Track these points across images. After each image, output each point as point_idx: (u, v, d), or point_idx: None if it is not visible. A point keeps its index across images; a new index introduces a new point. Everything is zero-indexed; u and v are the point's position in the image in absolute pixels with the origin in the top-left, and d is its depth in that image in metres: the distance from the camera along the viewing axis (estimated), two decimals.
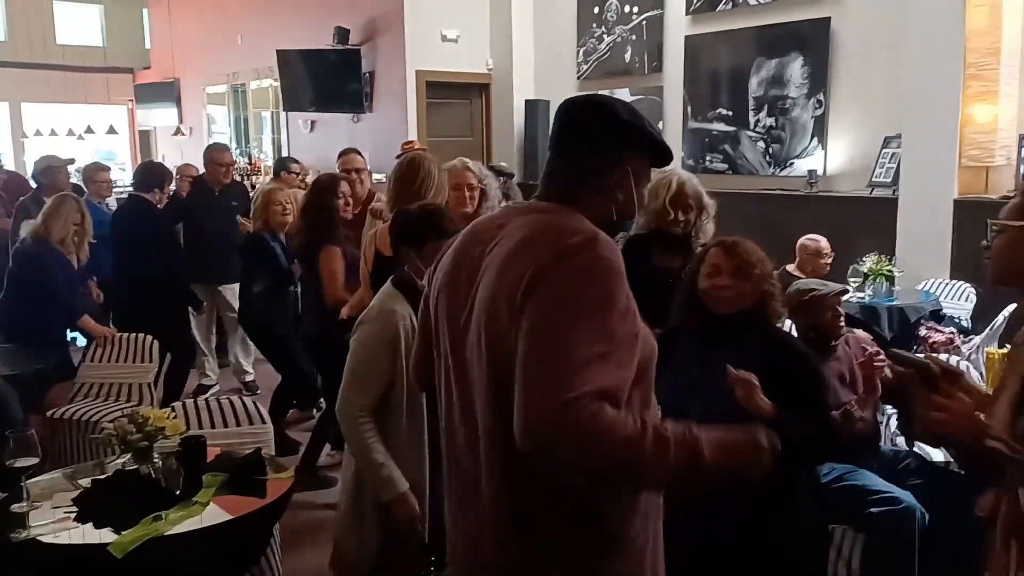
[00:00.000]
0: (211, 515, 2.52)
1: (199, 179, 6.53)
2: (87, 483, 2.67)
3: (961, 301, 5.72)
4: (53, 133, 14.01)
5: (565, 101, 1.74)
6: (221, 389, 6.32)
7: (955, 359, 4.17)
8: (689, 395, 2.32)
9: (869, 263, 5.48)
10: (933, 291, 5.74)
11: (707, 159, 7.78)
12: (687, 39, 7.88)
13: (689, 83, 7.88)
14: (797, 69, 7.06)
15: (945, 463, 3.47)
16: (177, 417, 2.96)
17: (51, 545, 2.37)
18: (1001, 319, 5.00)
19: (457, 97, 9.54)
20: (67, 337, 5.07)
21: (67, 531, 2.43)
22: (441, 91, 9.32)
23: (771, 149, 7.30)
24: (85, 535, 2.42)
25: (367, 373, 2.63)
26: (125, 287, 5.57)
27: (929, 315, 5.27)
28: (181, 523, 2.45)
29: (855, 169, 6.79)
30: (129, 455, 2.75)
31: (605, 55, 8.67)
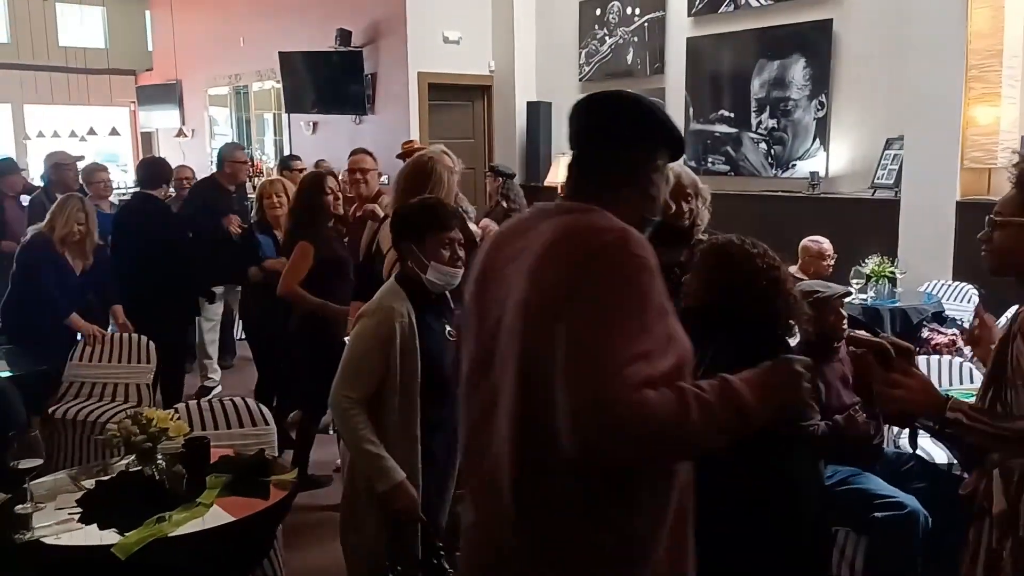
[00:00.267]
0: (215, 516, 2.53)
1: (211, 179, 6.46)
2: (91, 484, 2.68)
3: (963, 303, 5.71)
4: (56, 135, 14.01)
5: (588, 97, 1.69)
6: (223, 391, 6.32)
7: (958, 360, 4.17)
8: None
9: (871, 265, 5.47)
10: (935, 293, 5.73)
11: (709, 161, 7.78)
12: (689, 41, 7.89)
13: (691, 85, 7.88)
14: (799, 71, 7.05)
15: (948, 466, 3.47)
16: (180, 418, 2.96)
17: (55, 546, 2.37)
18: (1004, 320, 4.99)
19: (459, 99, 9.55)
20: (68, 338, 5.00)
21: (71, 532, 2.43)
22: (443, 93, 9.32)
23: (773, 151, 7.30)
24: (89, 536, 2.43)
25: (359, 367, 2.62)
26: (127, 289, 5.32)
27: (932, 317, 5.26)
28: (185, 524, 2.45)
29: (857, 171, 6.79)
30: (133, 456, 2.75)
31: (607, 57, 8.67)
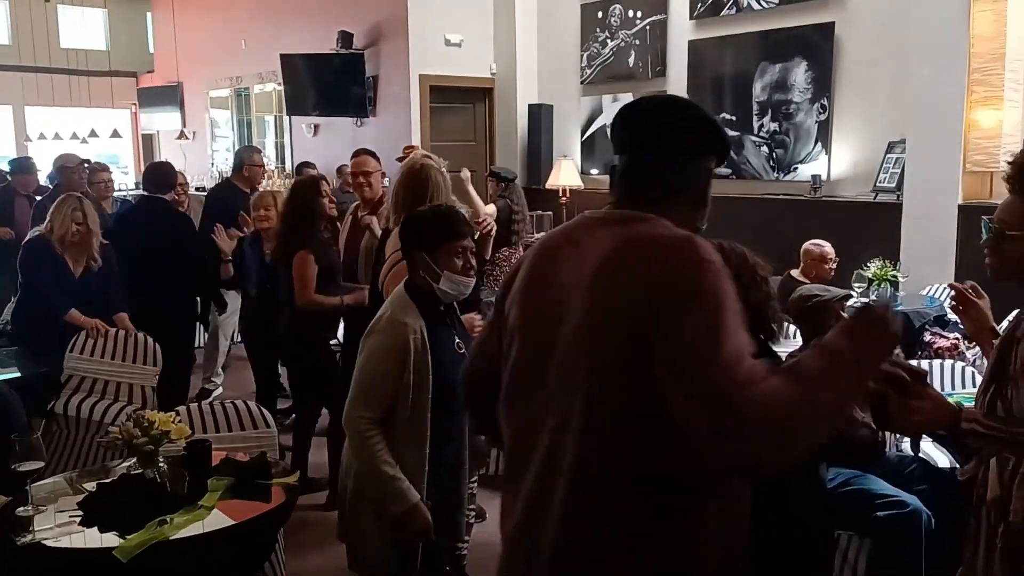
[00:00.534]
0: (216, 519, 2.52)
1: (228, 182, 6.42)
2: (92, 487, 2.68)
3: None
4: (57, 137, 14.02)
5: (639, 101, 1.65)
6: (223, 394, 6.32)
7: (960, 365, 4.17)
8: None
9: (873, 268, 5.47)
10: (938, 297, 5.72)
11: None
12: (691, 44, 7.89)
13: (693, 88, 7.87)
14: (801, 74, 7.05)
15: (951, 468, 3.46)
16: (182, 421, 2.96)
17: (56, 549, 2.37)
18: (1006, 324, 4.98)
19: (461, 101, 9.55)
20: (70, 338, 4.95)
21: (72, 535, 2.43)
22: (445, 95, 9.33)
23: (775, 154, 7.30)
24: (90, 539, 2.43)
25: (375, 385, 2.56)
26: (131, 292, 5.12)
27: (934, 320, 5.25)
28: (186, 527, 2.45)
29: (859, 174, 6.78)
30: (134, 459, 2.75)
31: (609, 60, 8.67)
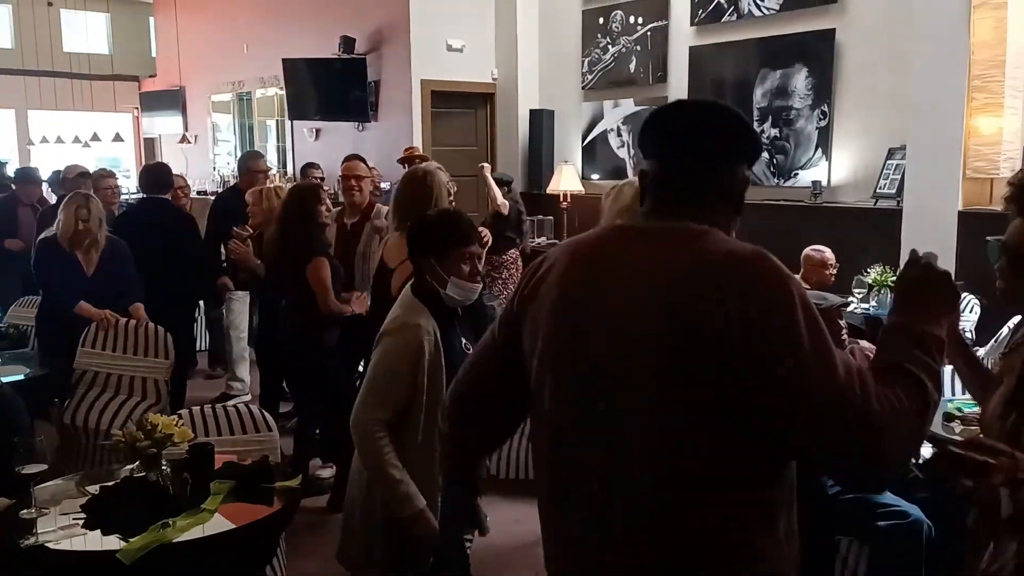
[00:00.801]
0: (218, 523, 2.53)
1: (234, 188, 6.48)
2: (95, 490, 2.69)
3: (966, 313, 5.70)
4: (59, 140, 14.06)
5: (677, 105, 1.62)
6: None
7: None
8: None
9: (874, 274, 5.48)
10: None
11: None
12: (692, 50, 7.90)
13: (693, 93, 7.86)
14: (801, 80, 7.07)
15: None
16: (185, 424, 2.97)
17: (59, 552, 2.38)
18: (1006, 331, 4.99)
19: (462, 106, 9.57)
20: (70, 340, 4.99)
21: (75, 538, 2.44)
22: (446, 100, 9.35)
23: (775, 160, 7.31)
24: (93, 542, 2.43)
25: (387, 387, 2.53)
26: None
27: None
28: (189, 531, 2.45)
29: (859, 180, 6.79)
30: (137, 462, 2.76)
31: (610, 65, 8.69)
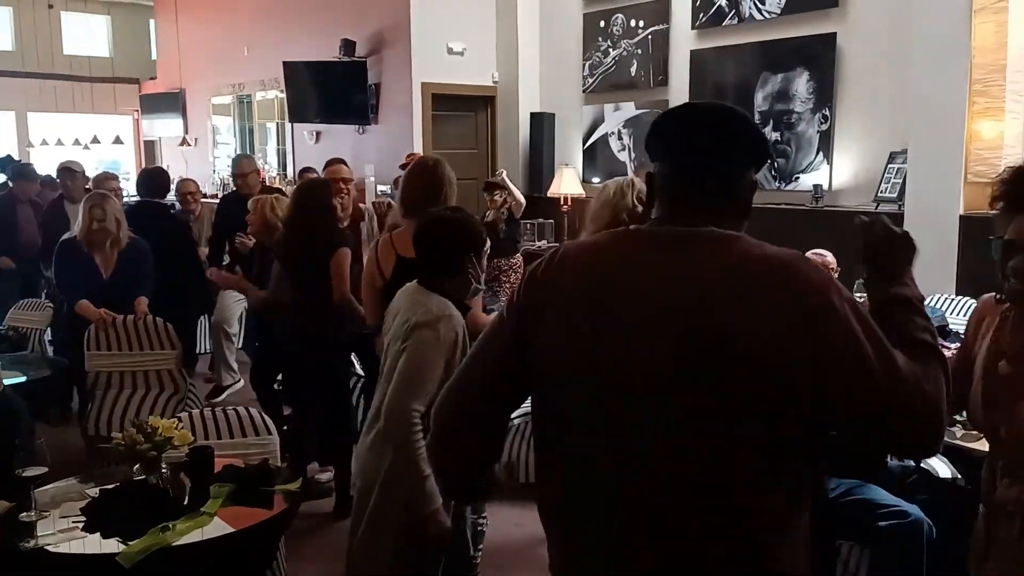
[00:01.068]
0: (218, 526, 2.52)
1: (234, 192, 6.54)
2: (95, 492, 2.68)
3: (967, 317, 5.69)
4: (59, 143, 14.07)
5: (689, 107, 1.60)
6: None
7: None
8: None
9: None
10: (939, 307, 5.72)
11: None
12: (693, 53, 7.91)
13: (694, 97, 7.87)
14: (803, 84, 7.07)
15: (952, 478, 3.47)
16: (184, 427, 2.96)
17: (58, 554, 2.37)
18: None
19: (463, 109, 9.57)
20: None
21: (74, 541, 2.44)
22: (447, 103, 9.35)
23: (776, 163, 7.31)
24: (93, 545, 2.42)
25: (425, 378, 2.50)
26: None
27: (935, 331, 5.25)
28: (188, 534, 2.45)
29: (861, 184, 6.79)
30: (137, 465, 2.75)
31: (611, 69, 8.70)
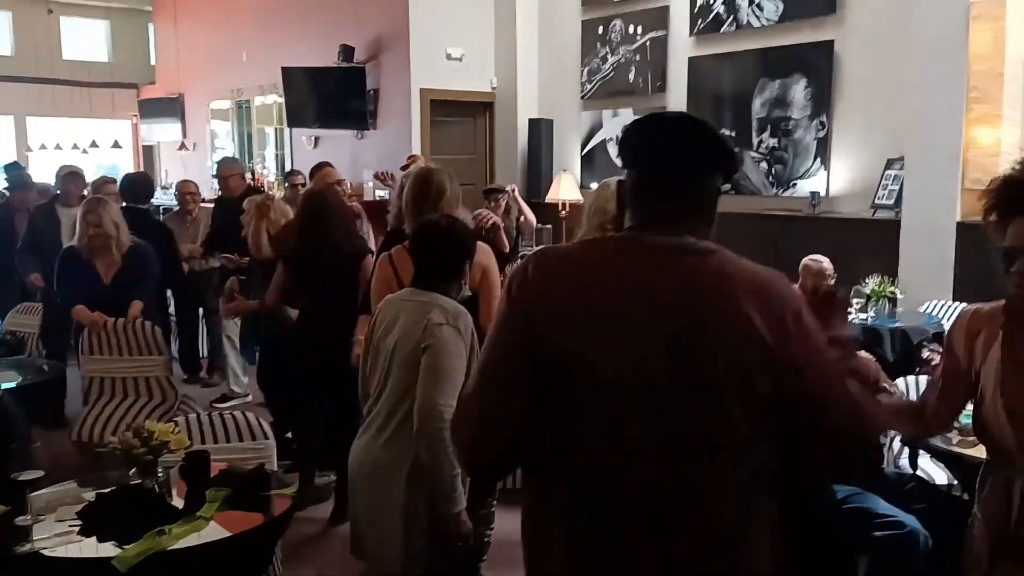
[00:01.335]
0: (214, 530, 2.52)
1: (222, 197, 6.56)
2: (91, 496, 2.67)
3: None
4: (58, 147, 14.06)
5: (656, 116, 1.62)
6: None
7: None
8: None
9: (872, 285, 5.49)
10: (936, 313, 5.74)
11: None
12: (691, 60, 7.92)
13: (692, 104, 7.90)
14: (800, 91, 7.09)
15: (948, 487, 3.47)
16: (181, 432, 2.96)
17: (54, 559, 2.37)
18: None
19: (461, 115, 9.58)
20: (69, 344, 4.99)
21: (71, 544, 2.43)
22: (445, 109, 9.36)
23: (774, 170, 7.32)
24: (89, 549, 2.42)
25: (455, 375, 2.51)
26: None
27: (932, 337, 5.26)
28: (184, 538, 2.45)
29: (858, 191, 6.80)
30: (133, 469, 2.75)
31: (609, 75, 8.71)
